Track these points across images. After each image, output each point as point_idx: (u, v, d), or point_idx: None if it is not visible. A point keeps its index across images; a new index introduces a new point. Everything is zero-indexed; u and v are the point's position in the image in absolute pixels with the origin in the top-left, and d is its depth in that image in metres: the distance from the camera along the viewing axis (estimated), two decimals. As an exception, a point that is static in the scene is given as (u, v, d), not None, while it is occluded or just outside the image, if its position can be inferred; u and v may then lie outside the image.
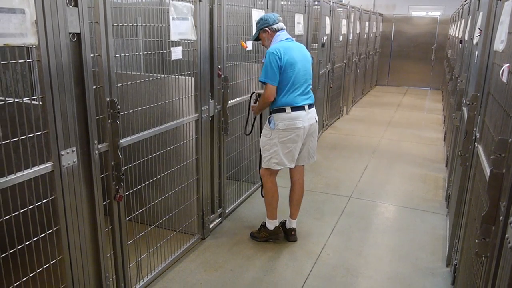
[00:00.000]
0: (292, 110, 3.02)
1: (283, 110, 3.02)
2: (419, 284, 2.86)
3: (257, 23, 3.19)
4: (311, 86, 3.18)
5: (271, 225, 3.27)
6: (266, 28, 3.13)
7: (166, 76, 2.82)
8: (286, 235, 3.40)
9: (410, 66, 12.17)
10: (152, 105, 2.66)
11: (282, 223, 3.46)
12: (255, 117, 3.49)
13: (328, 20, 6.17)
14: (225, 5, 3.23)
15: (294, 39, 3.21)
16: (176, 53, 2.69)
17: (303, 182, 3.38)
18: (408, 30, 12.06)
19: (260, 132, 3.32)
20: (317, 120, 3.22)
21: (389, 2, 13.32)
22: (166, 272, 2.91)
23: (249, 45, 3.63)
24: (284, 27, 3.18)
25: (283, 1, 4.61)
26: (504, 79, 1.60)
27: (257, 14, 3.76)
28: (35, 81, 2.71)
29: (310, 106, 3.13)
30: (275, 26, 3.11)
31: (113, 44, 2.12)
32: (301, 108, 3.05)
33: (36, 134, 1.81)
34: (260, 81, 3.07)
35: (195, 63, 2.97)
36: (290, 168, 3.26)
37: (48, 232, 1.93)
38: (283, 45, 3.03)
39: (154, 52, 2.79)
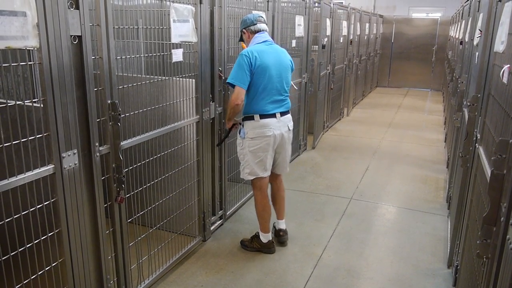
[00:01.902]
0: (261, 118, 2.90)
1: (252, 118, 2.92)
2: (420, 286, 2.85)
3: (240, 24, 3.11)
4: (287, 94, 3.04)
5: (264, 238, 3.15)
6: (244, 30, 3.04)
7: (167, 78, 2.82)
8: (275, 236, 3.32)
9: (411, 67, 12.17)
10: (153, 107, 2.66)
11: (273, 226, 3.38)
12: (229, 130, 3.24)
13: (328, 21, 6.18)
14: (226, 7, 3.23)
15: (273, 41, 3.06)
16: (177, 55, 2.69)
17: (282, 184, 3.32)
18: (409, 31, 12.06)
19: None
20: (290, 128, 3.07)
21: (389, 4, 13.33)
22: (167, 274, 2.91)
23: None
24: (265, 28, 3.02)
25: (284, 3, 4.62)
26: (505, 80, 1.60)
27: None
28: (36, 83, 2.71)
29: (283, 113, 3.00)
30: (252, 28, 2.99)
31: (114, 47, 2.13)
32: (272, 115, 2.93)
33: (37, 136, 1.81)
34: (227, 82, 2.91)
35: (196, 65, 2.98)
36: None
37: (49, 235, 1.93)
38: (257, 48, 2.90)
39: (155, 54, 2.80)
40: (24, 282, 1.86)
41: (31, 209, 1.84)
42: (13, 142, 1.73)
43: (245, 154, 2.99)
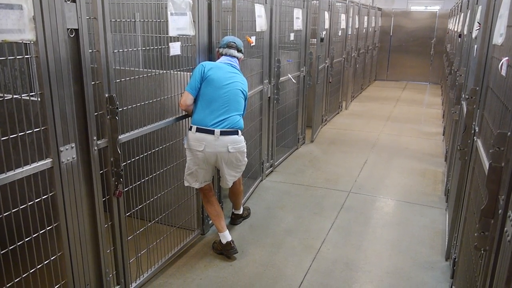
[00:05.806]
0: (197, 131, 2.84)
1: (190, 128, 2.88)
2: (418, 278, 2.87)
3: None
4: (237, 113, 2.94)
5: (223, 239, 3.06)
6: (217, 49, 3.12)
7: (164, 71, 2.81)
8: (230, 219, 3.57)
9: (409, 60, 12.15)
10: (151, 101, 2.65)
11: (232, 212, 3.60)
12: None
13: (327, 14, 6.15)
14: (223, 0, 3.21)
15: (236, 68, 3.03)
16: (175, 48, 2.68)
17: (239, 187, 3.37)
18: (407, 24, 12.02)
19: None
20: (231, 151, 2.89)
21: (388, -3, 13.28)
22: (166, 267, 2.92)
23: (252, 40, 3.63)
24: (235, 54, 3.04)
25: (282, -4, 4.59)
26: (503, 72, 1.60)
27: (259, 9, 3.75)
28: (33, 77, 2.70)
29: (225, 133, 2.86)
30: (221, 50, 3.05)
31: (111, 40, 2.11)
32: (209, 131, 2.83)
33: (35, 130, 1.81)
34: None
35: (193, 59, 2.97)
36: None
37: (48, 228, 1.94)
38: (215, 63, 2.95)
39: (152, 47, 2.78)
40: (23, 275, 1.86)
41: (29, 203, 1.83)
42: (11, 136, 1.72)
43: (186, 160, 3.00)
